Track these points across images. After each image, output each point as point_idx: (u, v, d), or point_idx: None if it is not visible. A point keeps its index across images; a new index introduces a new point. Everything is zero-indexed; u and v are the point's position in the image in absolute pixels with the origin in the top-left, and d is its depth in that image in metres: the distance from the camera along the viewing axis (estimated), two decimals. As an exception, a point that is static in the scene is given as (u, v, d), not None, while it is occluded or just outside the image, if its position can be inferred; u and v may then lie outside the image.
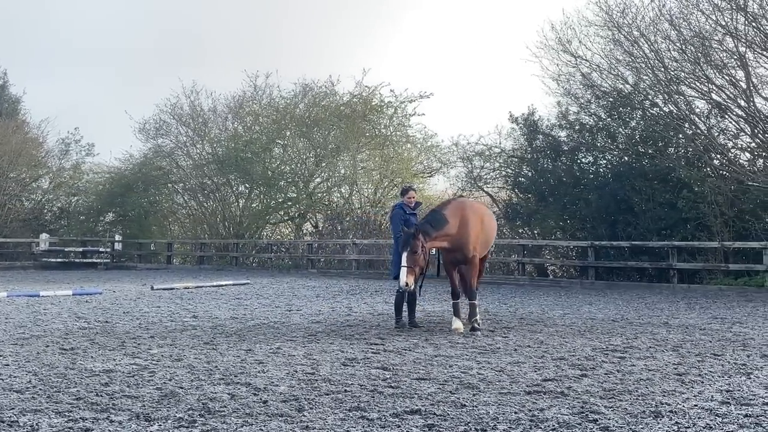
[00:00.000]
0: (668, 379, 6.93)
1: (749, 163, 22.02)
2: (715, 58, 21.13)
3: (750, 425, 5.22)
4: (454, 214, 10.63)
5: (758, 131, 21.23)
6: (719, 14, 20.61)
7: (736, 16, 20.26)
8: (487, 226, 11.16)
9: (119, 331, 10.30)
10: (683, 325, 11.35)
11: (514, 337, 9.92)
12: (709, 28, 21.03)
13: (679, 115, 22.57)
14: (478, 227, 10.78)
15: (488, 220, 11.40)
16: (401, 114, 32.65)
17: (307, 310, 13.51)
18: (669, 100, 22.82)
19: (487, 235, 11.27)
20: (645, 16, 22.27)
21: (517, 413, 5.57)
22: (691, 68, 21.58)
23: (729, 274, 19.93)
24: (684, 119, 22.53)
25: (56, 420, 5.34)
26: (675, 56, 21.85)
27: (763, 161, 21.56)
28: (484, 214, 11.34)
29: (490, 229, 11.42)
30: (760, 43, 20.14)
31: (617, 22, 22.55)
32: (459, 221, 10.56)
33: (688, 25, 21.27)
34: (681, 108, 22.56)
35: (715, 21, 20.78)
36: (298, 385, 6.57)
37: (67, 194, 37.84)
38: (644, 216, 21.84)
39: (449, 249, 10.74)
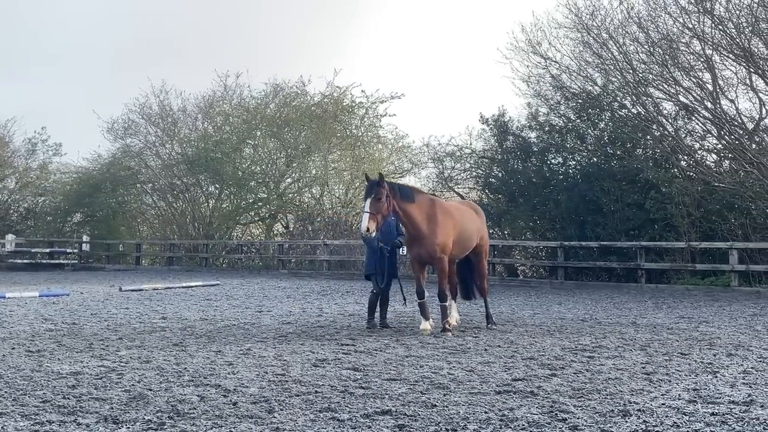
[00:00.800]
0: (636, 378, 6.99)
1: (715, 164, 22.31)
2: (682, 61, 21.40)
3: (716, 423, 5.28)
4: (423, 204, 10.46)
5: (724, 133, 21.51)
6: (686, 17, 20.88)
7: (703, 19, 20.53)
8: (464, 228, 10.86)
9: (87, 333, 10.18)
10: (651, 324, 11.46)
11: (484, 337, 9.95)
12: (676, 30, 21.30)
13: (647, 116, 22.81)
14: (447, 228, 10.51)
15: (468, 222, 11.06)
16: (372, 114, 32.76)
17: (278, 311, 13.46)
18: (637, 102, 23.06)
19: (466, 237, 10.96)
20: (614, 19, 22.52)
21: (487, 413, 5.59)
22: (658, 70, 21.83)
23: (696, 274, 20.18)
24: (652, 121, 22.77)
25: (22, 423, 5.26)
26: (643, 58, 22.09)
27: (729, 163, 21.84)
28: (461, 217, 10.98)
29: (471, 231, 11.10)
30: (726, 46, 20.42)
31: (586, 24, 22.75)
32: (425, 216, 10.36)
33: (655, 27, 21.53)
34: (649, 110, 22.81)
35: (683, 24, 21.05)
36: (268, 387, 6.53)
37: (34, 194, 37.45)
38: (613, 216, 22.04)
39: (410, 238, 10.55)
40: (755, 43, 20.06)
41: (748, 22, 19.89)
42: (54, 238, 34.88)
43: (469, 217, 11.24)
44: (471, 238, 11.12)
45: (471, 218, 11.27)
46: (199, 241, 32.44)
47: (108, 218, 36.21)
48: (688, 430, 5.09)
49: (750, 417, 5.46)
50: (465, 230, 10.91)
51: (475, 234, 11.21)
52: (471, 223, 11.17)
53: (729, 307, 14.35)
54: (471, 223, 11.15)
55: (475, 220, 11.36)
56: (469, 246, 11.15)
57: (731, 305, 14.68)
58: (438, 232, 10.36)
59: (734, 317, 12.43)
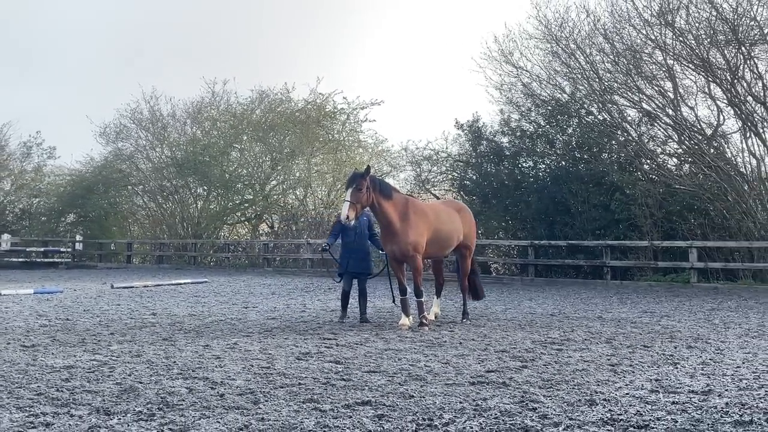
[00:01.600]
0: (602, 369, 7.04)
1: (676, 167, 22.51)
2: (645, 70, 21.57)
3: (677, 411, 5.33)
4: (398, 203, 10.41)
5: (684, 138, 21.71)
6: (649, 29, 21.06)
7: (665, 32, 20.72)
8: (439, 228, 10.73)
9: (80, 329, 10.10)
10: (616, 318, 11.54)
11: (459, 331, 9.97)
12: (639, 42, 21.47)
13: (612, 122, 22.97)
14: (420, 228, 10.40)
15: (445, 222, 10.87)
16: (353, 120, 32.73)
17: (263, 307, 13.41)
18: (603, 109, 23.21)
19: (443, 237, 10.80)
20: (581, 30, 22.66)
21: (462, 403, 5.60)
22: (623, 79, 22.00)
23: (658, 271, 20.34)
24: (617, 127, 22.93)
25: (17, 415, 5.21)
26: (608, 68, 22.24)
27: (689, 166, 22.03)
28: (436, 217, 10.77)
29: (449, 231, 10.91)
30: (687, 57, 20.61)
31: (555, 35, 22.87)
32: (399, 214, 10.32)
33: (620, 39, 21.68)
34: (614, 116, 22.96)
35: (646, 35, 21.23)
36: (254, 379, 6.51)
37: (29, 196, 37.11)
38: (580, 217, 22.16)
39: (384, 235, 10.49)
40: (713, 54, 20.26)
41: (706, 34, 20.08)
42: (48, 238, 34.55)
43: (447, 218, 11.02)
44: (449, 237, 10.95)
45: (449, 218, 11.04)
46: (187, 241, 32.26)
47: (100, 218, 35.94)
48: (650, 418, 5.12)
49: (708, 405, 5.51)
50: (441, 230, 10.77)
51: (455, 233, 11.03)
52: (449, 223, 10.97)
53: (689, 302, 14.48)
54: (449, 224, 10.96)
55: (455, 221, 11.12)
56: (447, 245, 11.02)
57: (691, 300, 14.81)
58: (410, 232, 10.29)
59: (693, 312, 12.53)
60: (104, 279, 22.22)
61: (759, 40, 19.59)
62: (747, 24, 19.52)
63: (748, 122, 20.28)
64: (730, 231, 20.30)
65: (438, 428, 4.90)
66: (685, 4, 20.30)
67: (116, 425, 4.94)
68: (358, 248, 11.10)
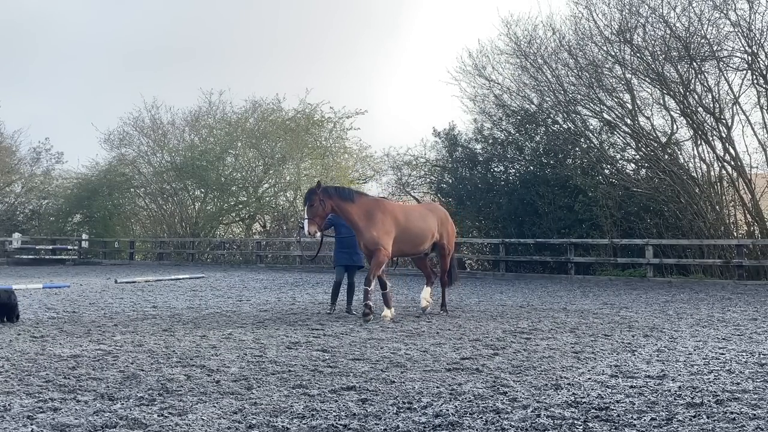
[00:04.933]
0: (566, 356, 7.07)
1: (634, 172, 22.66)
2: (606, 83, 21.72)
3: (635, 395, 5.36)
4: (363, 204, 10.40)
5: (641, 145, 21.87)
6: (609, 46, 21.20)
7: (624, 48, 20.87)
8: (408, 227, 10.59)
9: (85, 320, 10.01)
10: (579, 310, 11.60)
11: (436, 322, 9.98)
12: (601, 57, 21.61)
13: (576, 131, 23.10)
14: (386, 226, 10.30)
15: (416, 221, 10.76)
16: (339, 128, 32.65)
17: (256, 300, 13.35)
18: (567, 119, 23.34)
19: (414, 235, 10.69)
20: (547, 47, 22.77)
21: (438, 387, 5.60)
22: (586, 91, 22.13)
23: (617, 266, 20.47)
24: (580, 135, 23.07)
25: (27, 401, 5.16)
26: (573, 81, 22.37)
27: (646, 171, 22.20)
28: (405, 217, 10.67)
29: (421, 230, 10.79)
30: (643, 71, 20.77)
31: (524, 51, 22.96)
32: (364, 214, 10.28)
33: (583, 54, 21.80)
34: (578, 125, 23.10)
35: (606, 52, 21.37)
36: (247, 367, 6.48)
37: (38, 197, 36.80)
38: (547, 217, 22.25)
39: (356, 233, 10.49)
40: (668, 68, 20.43)
41: (661, 50, 20.25)
42: (56, 237, 34.26)
43: (418, 218, 10.90)
44: (419, 236, 10.82)
45: (421, 218, 10.92)
46: (186, 239, 32.08)
47: (105, 219, 35.66)
48: (610, 401, 5.15)
49: (663, 389, 5.55)
50: (410, 229, 10.64)
51: (427, 232, 10.90)
52: (420, 222, 10.85)
53: (645, 295, 14.57)
54: (420, 223, 10.84)
55: (428, 221, 10.98)
56: (419, 242, 10.86)
57: (647, 293, 14.91)
58: (373, 228, 10.23)
59: (650, 303, 12.61)
60: (108, 275, 22.04)
61: (709, 56, 19.77)
62: (698, 41, 19.70)
63: (699, 131, 20.46)
64: (683, 230, 20.47)
65: (417, 411, 4.91)
66: (642, 23, 20.46)
67: (119, 410, 4.90)
68: (350, 242, 11.08)
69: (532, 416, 4.76)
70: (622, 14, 20.62)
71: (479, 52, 24.52)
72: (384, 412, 4.87)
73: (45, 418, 4.71)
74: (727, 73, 19.87)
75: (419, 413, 4.85)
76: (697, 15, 19.48)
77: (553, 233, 21.93)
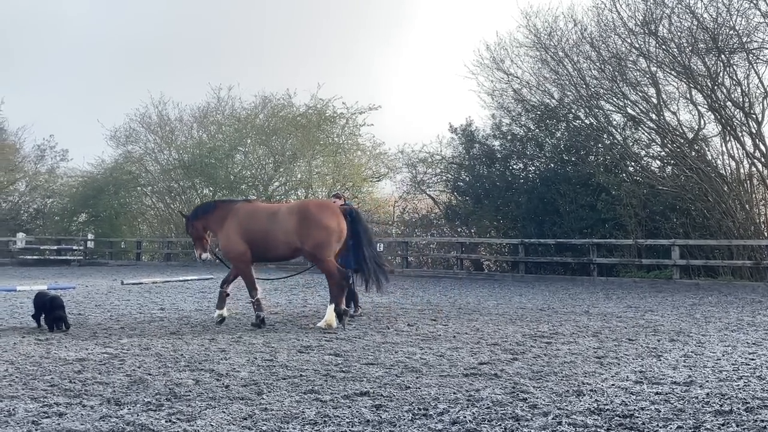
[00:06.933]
0: (589, 361, 7.04)
1: (659, 169, 22.52)
2: (629, 77, 21.58)
3: (660, 402, 5.33)
4: (219, 213, 10.35)
5: (667, 141, 21.73)
6: (633, 38, 21.06)
7: (648, 40, 20.72)
8: (256, 230, 9.91)
9: (91, 323, 10.08)
10: (602, 313, 11.54)
11: (453, 325, 9.97)
12: (624, 50, 21.47)
13: (598, 126, 22.99)
14: (229, 232, 10.02)
15: (266, 224, 9.90)
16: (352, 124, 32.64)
17: (266, 302, 13.35)
18: (590, 114, 23.22)
19: (265, 240, 9.88)
20: (569, 39, 22.65)
21: (455, 393, 5.60)
22: (609, 85, 22.00)
23: (642, 267, 20.34)
24: (603, 130, 22.95)
25: (32, 405, 5.20)
26: (595, 74, 22.24)
27: (672, 168, 22.05)
28: (252, 220, 10.00)
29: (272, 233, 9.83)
30: (669, 64, 20.62)
31: (544, 43, 22.86)
32: (219, 222, 10.28)
33: (606, 47, 21.68)
34: (600, 120, 22.98)
35: (630, 44, 21.23)
36: (257, 371, 6.50)
37: (43, 196, 37.07)
38: (568, 216, 22.15)
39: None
40: (695, 61, 20.27)
41: (688, 42, 20.09)
42: (61, 237, 34.49)
43: (267, 220, 9.97)
44: (273, 240, 9.87)
45: (271, 220, 9.94)
46: (194, 239, 32.22)
47: (111, 218, 35.86)
48: (635, 408, 5.13)
49: (690, 396, 5.52)
50: (255, 232, 9.93)
51: (278, 235, 9.80)
52: (268, 225, 9.91)
53: (671, 297, 14.49)
54: (268, 225, 9.91)
55: (282, 222, 9.83)
56: (272, 248, 9.96)
57: (673, 296, 14.82)
58: (222, 237, 10.25)
59: (676, 306, 12.54)
60: (115, 276, 22.18)
61: (738, 49, 19.60)
62: (726, 33, 19.53)
63: (728, 126, 20.29)
64: (711, 230, 20.32)
65: (433, 417, 4.90)
66: (667, 14, 20.31)
67: (126, 415, 4.93)
68: None
69: (553, 424, 4.74)
70: (647, 4, 20.48)
71: (497, 45, 24.46)
72: (399, 419, 4.87)
73: (50, 423, 4.74)
74: (757, 65, 19.69)
75: (435, 420, 4.84)
76: (726, 5, 19.31)
77: (575, 233, 21.83)
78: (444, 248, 25.33)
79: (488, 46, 24.79)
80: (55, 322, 9.14)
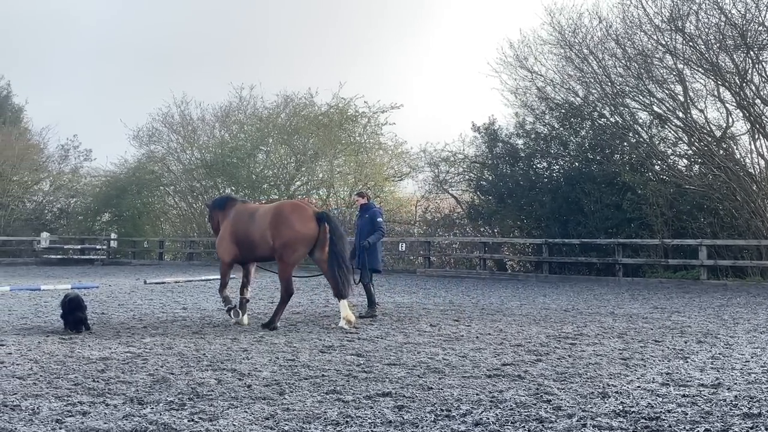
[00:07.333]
0: (614, 363, 6.99)
1: (686, 168, 22.30)
2: (656, 74, 21.38)
3: (687, 404, 5.28)
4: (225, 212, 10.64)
5: (694, 140, 21.50)
6: (660, 35, 20.85)
7: (675, 37, 20.51)
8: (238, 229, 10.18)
9: (114, 322, 10.19)
10: (627, 314, 11.46)
11: (476, 326, 9.94)
12: (650, 47, 21.27)
13: (624, 125, 22.80)
14: (223, 233, 10.36)
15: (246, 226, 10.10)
16: (374, 123, 32.63)
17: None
18: (615, 112, 23.04)
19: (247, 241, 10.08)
20: (593, 36, 22.47)
21: (478, 395, 5.58)
22: (634, 83, 21.82)
23: (668, 268, 20.17)
24: (628, 129, 22.76)
25: (56, 404, 5.26)
26: (620, 72, 22.06)
27: (699, 167, 21.83)
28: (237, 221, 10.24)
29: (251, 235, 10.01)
30: (696, 61, 20.39)
31: (569, 41, 22.71)
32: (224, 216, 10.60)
33: (632, 44, 21.49)
34: (626, 119, 22.80)
35: (656, 41, 21.02)
36: (279, 371, 6.53)
37: (67, 196, 37.46)
38: (593, 216, 22.01)
39: None
40: (722, 58, 20.03)
41: (716, 39, 19.86)
42: (85, 236, 34.85)
43: (247, 219, 10.16)
44: (252, 242, 10.04)
45: (250, 220, 10.10)
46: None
47: (134, 217, 36.20)
48: (661, 411, 5.08)
49: (718, 398, 5.46)
50: (238, 232, 10.17)
51: (258, 235, 9.92)
52: (249, 224, 10.08)
53: (698, 298, 14.34)
54: (249, 225, 10.08)
55: (260, 221, 9.98)
56: (253, 248, 10.11)
57: (700, 297, 14.67)
58: (218, 237, 10.62)
59: (703, 308, 12.42)
60: (138, 275, 22.39)
61: (767, 45, 19.35)
62: (755, 29, 19.28)
63: (757, 124, 20.05)
64: (739, 230, 20.10)
65: (456, 419, 4.89)
66: (694, 10, 20.09)
67: (149, 414, 4.97)
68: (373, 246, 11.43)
69: (578, 426, 4.71)
70: (674, 1, 20.28)
71: (521, 43, 24.33)
72: (421, 420, 4.86)
73: (74, 422, 4.80)
74: (787, 62, 19.43)
75: (458, 421, 4.83)
76: (755, 0, 19.07)
77: (600, 233, 21.68)
78: (467, 248, 25.26)
79: (511, 44, 24.68)
80: (75, 324, 9.03)
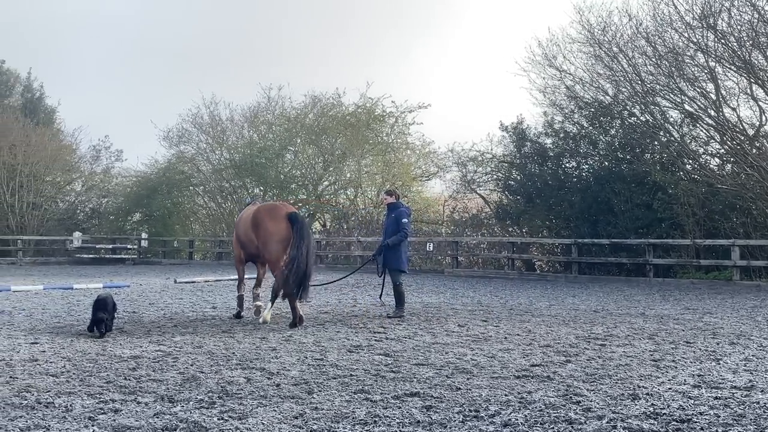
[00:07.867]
0: (645, 364, 6.92)
1: (718, 167, 21.99)
2: (687, 72, 21.11)
3: (719, 406, 5.21)
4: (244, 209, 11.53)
5: (726, 139, 21.20)
6: (691, 32, 20.59)
7: (707, 34, 20.23)
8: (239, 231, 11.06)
9: (145, 321, 10.31)
10: (658, 315, 11.34)
11: (504, 326, 9.91)
12: (681, 44, 21.00)
13: (654, 123, 22.55)
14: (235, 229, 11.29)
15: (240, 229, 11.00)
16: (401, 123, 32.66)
17: (316, 301, 13.49)
18: (645, 111, 22.79)
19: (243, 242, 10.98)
20: (623, 34, 22.25)
21: (507, 395, 5.56)
22: (665, 81, 21.56)
23: (700, 268, 19.91)
24: (659, 128, 22.51)
25: (88, 401, 5.34)
26: (651, 70, 21.82)
27: (731, 166, 21.53)
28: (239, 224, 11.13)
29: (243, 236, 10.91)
30: (728, 59, 20.11)
31: (598, 39, 22.52)
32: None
33: (662, 41, 21.25)
34: (656, 117, 22.54)
35: (688, 38, 20.76)
36: (308, 370, 6.56)
37: (98, 196, 37.95)
38: (623, 216, 21.80)
39: None
40: (755, 55, 19.72)
41: (748, 36, 19.56)
42: (116, 236, 35.27)
43: (242, 223, 10.93)
44: (244, 243, 10.93)
45: (244, 222, 10.85)
46: (245, 238, 32.62)
47: (164, 217, 36.56)
48: (693, 413, 5.02)
49: (751, 401, 5.38)
50: (240, 233, 11.04)
51: (246, 239, 10.74)
52: (243, 226, 10.83)
53: (731, 299, 14.15)
54: (243, 227, 10.85)
55: (247, 224, 10.66)
56: (248, 248, 10.94)
57: (733, 298, 14.47)
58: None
59: (736, 309, 12.25)
60: (168, 274, 22.62)
61: (802, 42, 19.03)
62: (790, 26, 18.97)
63: (791, 122, 19.72)
64: (773, 230, 19.78)
65: (484, 419, 4.88)
66: (727, 7, 19.80)
67: (179, 412, 5.03)
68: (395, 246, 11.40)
69: (608, 427, 4.68)
70: (705, -2, 20.02)
71: (549, 41, 24.16)
72: (449, 420, 4.86)
73: (106, 419, 4.87)
74: (822, 59, 19.08)
75: (486, 422, 4.82)
76: (789, -3, 18.76)
77: (630, 233, 21.47)
78: (495, 248, 25.15)
79: (540, 43, 24.52)
80: (94, 324, 8.72)
